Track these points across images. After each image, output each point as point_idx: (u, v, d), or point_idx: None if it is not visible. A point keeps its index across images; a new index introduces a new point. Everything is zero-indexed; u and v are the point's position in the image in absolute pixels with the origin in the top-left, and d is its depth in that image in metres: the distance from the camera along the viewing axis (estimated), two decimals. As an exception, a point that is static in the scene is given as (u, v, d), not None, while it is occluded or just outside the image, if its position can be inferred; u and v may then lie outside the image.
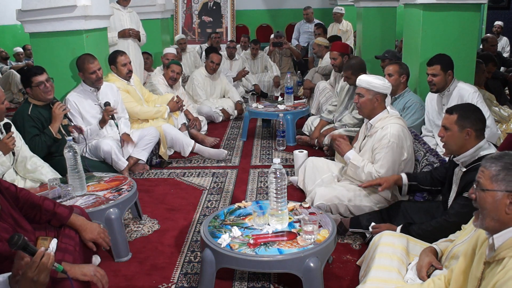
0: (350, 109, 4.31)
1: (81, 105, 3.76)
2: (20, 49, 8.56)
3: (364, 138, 3.03)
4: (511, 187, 1.46)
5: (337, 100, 4.56)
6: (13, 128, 2.96)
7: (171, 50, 6.01)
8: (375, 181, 2.77)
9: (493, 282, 1.41)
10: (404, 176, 2.75)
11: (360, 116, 4.10)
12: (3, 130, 2.92)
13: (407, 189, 2.76)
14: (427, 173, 2.75)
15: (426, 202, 2.73)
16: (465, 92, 3.39)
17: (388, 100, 2.95)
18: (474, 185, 1.55)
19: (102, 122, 3.79)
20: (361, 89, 2.94)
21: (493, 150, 2.25)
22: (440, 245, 2.07)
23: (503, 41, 8.21)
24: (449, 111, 2.32)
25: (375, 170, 2.84)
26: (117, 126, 3.83)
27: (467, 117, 2.25)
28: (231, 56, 7.20)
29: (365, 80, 2.93)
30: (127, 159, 3.89)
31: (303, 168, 3.36)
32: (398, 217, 2.65)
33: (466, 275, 1.65)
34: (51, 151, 3.35)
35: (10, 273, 1.58)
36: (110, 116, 3.76)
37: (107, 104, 3.76)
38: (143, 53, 5.90)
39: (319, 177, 3.21)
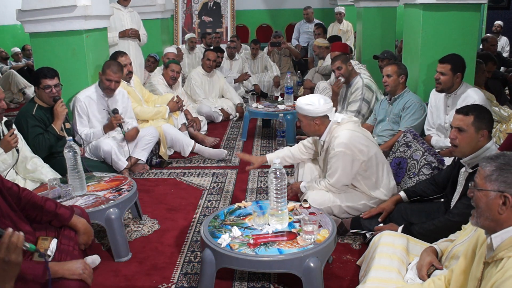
0: (345, 108, 4.34)
1: (90, 108, 3.75)
2: (17, 49, 8.54)
3: (321, 154, 3.03)
4: (504, 188, 1.45)
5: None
6: (14, 126, 2.97)
7: (172, 49, 6.02)
8: (376, 209, 2.75)
9: (491, 282, 1.41)
10: (403, 194, 2.75)
11: (355, 108, 4.13)
12: (4, 128, 2.93)
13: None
14: (428, 183, 2.70)
15: (426, 203, 2.72)
16: (471, 100, 3.25)
17: (332, 114, 2.85)
18: (471, 184, 1.56)
19: (108, 128, 3.78)
20: (299, 114, 2.91)
21: None
22: (440, 245, 2.07)
23: (502, 41, 8.21)
24: (464, 112, 2.24)
25: (326, 182, 2.86)
26: (123, 134, 3.83)
27: (483, 118, 2.21)
28: (231, 56, 7.19)
29: (299, 106, 2.85)
30: (127, 159, 3.89)
31: (301, 169, 3.34)
32: (398, 219, 2.64)
33: (466, 276, 1.65)
34: (52, 151, 3.35)
35: None
36: (118, 124, 3.76)
37: (115, 111, 3.76)
38: (149, 56, 5.91)
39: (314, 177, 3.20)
